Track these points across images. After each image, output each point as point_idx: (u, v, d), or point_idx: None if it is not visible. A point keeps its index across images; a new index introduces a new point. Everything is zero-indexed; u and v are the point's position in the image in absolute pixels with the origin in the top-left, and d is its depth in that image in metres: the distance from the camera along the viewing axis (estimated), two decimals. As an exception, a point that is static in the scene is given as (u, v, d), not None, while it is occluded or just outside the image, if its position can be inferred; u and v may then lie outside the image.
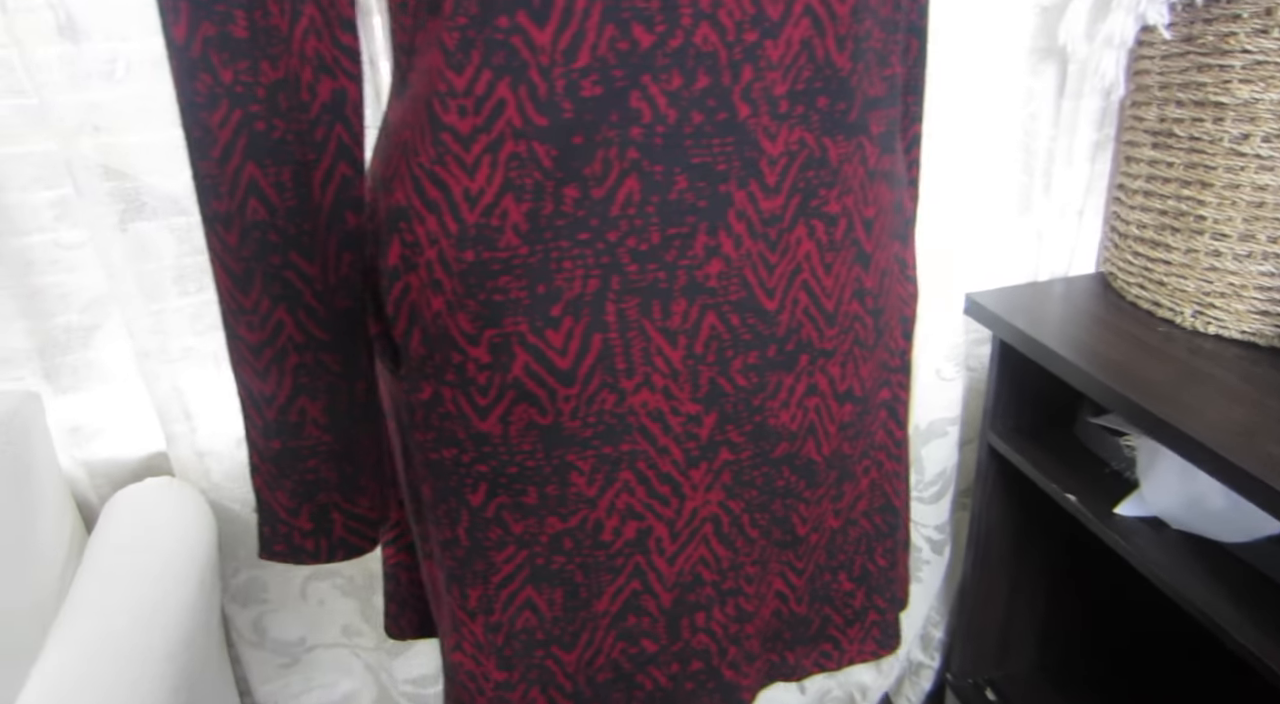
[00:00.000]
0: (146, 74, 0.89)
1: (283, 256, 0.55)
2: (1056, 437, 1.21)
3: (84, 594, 0.92)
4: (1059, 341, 1.08)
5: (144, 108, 0.90)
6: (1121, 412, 0.98)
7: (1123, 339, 1.07)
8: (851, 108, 0.58)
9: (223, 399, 1.03)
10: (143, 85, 0.89)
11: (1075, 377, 1.03)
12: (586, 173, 0.52)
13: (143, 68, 0.88)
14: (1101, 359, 1.04)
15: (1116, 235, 1.16)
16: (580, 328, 0.56)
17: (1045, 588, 1.40)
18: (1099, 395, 1.01)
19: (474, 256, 0.54)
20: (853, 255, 0.63)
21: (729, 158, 0.55)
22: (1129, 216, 1.11)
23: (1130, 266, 1.13)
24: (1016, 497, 1.29)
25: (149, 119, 0.90)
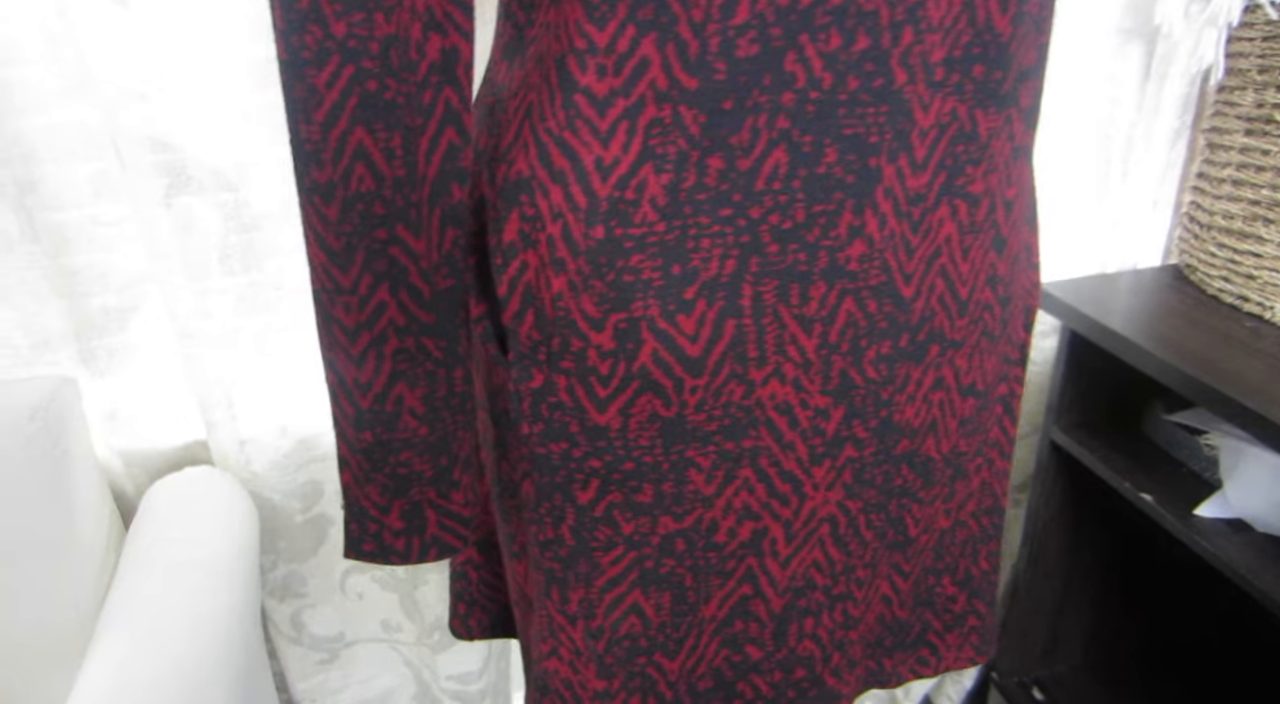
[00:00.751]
0: (196, 40, 0.83)
1: (389, 231, 0.50)
2: (1125, 434, 1.17)
3: (127, 595, 0.87)
4: (1139, 334, 1.04)
5: (193, 76, 0.84)
6: (1211, 406, 0.94)
7: (1206, 333, 1.03)
8: (1006, 77, 0.53)
9: (266, 385, 0.98)
10: (192, 52, 0.84)
11: (1158, 369, 0.99)
12: (733, 142, 0.48)
13: (193, 34, 0.82)
14: (1187, 352, 1.00)
15: (1197, 226, 1.12)
16: (714, 313, 0.51)
17: (1096, 587, 1.37)
18: (1185, 389, 0.97)
19: (604, 233, 0.49)
20: (990, 239, 0.59)
21: (881, 129, 0.50)
22: (1213, 206, 1.07)
23: (1213, 259, 1.08)
24: (1074, 494, 1.25)
25: (198, 88, 0.85)
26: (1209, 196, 1.08)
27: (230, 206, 0.90)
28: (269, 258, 0.93)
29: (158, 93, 0.84)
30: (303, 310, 0.96)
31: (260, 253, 0.93)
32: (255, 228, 0.91)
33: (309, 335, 0.98)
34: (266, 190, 0.90)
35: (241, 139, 0.88)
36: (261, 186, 0.90)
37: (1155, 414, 1.14)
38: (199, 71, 0.85)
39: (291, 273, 0.94)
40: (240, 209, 0.91)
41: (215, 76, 0.85)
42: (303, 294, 0.95)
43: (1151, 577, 1.39)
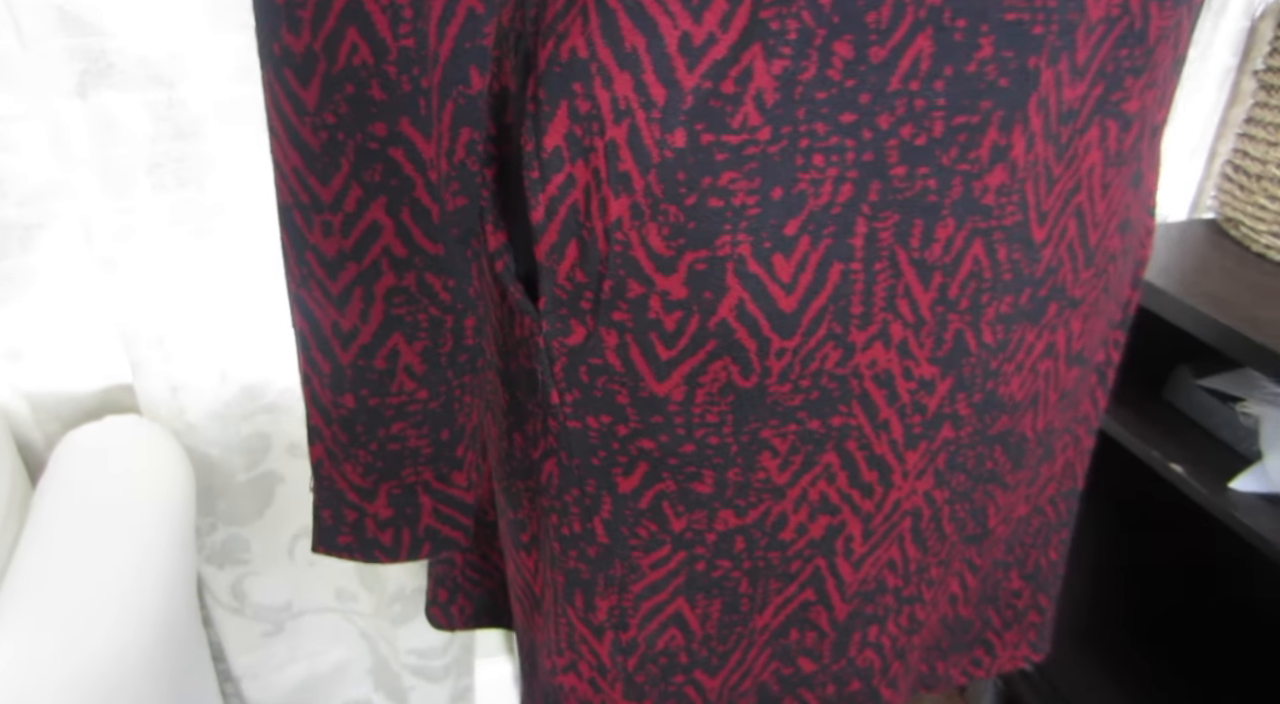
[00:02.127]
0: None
1: (389, 126, 0.36)
2: (1148, 400, 1.09)
3: (32, 569, 0.73)
4: (1180, 288, 0.96)
5: (114, -65, 0.68)
6: (1261, 366, 0.86)
7: (1255, 290, 0.95)
8: None
9: (204, 322, 0.84)
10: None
11: (1202, 326, 0.91)
12: (869, 20, 0.35)
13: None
14: (1231, 308, 0.91)
15: (1244, 176, 1.02)
16: (818, 254, 0.39)
17: (1092, 559, 1.31)
18: (1232, 347, 0.89)
19: (687, 140, 0.36)
20: (1131, 175, 0.47)
21: (1049, 17, 0.38)
22: (1266, 156, 0.98)
23: (1263, 213, 1.00)
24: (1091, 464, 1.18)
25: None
26: (1261, 144, 0.99)
27: (163, 106, 0.74)
28: (210, 170, 0.78)
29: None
30: (251, 233, 0.81)
31: (199, 163, 0.77)
32: (194, 133, 0.76)
33: (259, 264, 0.83)
34: (209, 86, 0.74)
35: (179, 21, 0.72)
36: (202, 81, 0.74)
37: (1184, 379, 1.06)
38: (122, -67, 0.68)
39: (238, 189, 0.79)
40: (175, 108, 0.75)
41: (143, -59, 0.69)
42: (252, 214, 0.80)
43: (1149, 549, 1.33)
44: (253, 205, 0.80)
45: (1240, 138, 1.03)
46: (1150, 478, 1.20)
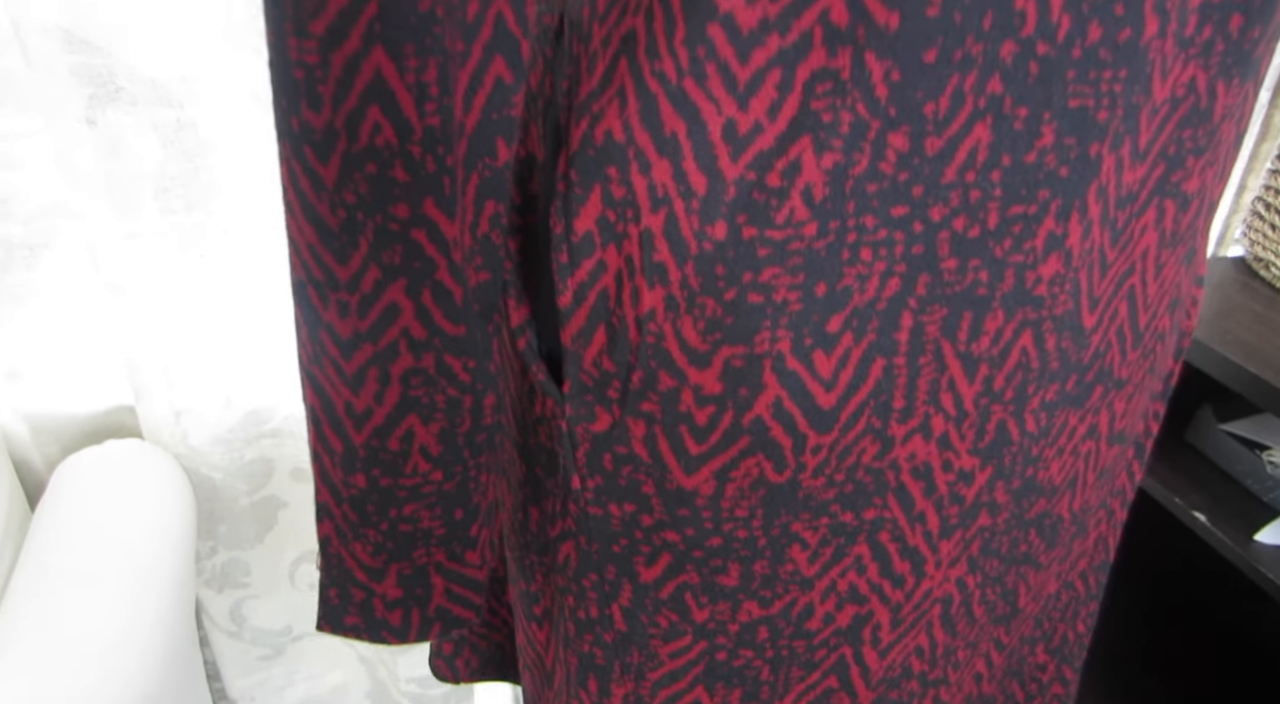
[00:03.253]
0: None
1: (412, 207, 0.34)
2: (1169, 441, 1.06)
3: (29, 599, 0.71)
4: (1207, 332, 0.93)
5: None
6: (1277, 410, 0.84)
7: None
8: (1263, 35, 0.39)
9: (210, 346, 0.82)
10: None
11: (1230, 374, 0.88)
12: (927, 111, 0.33)
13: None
14: (1263, 357, 0.89)
15: (1275, 215, 1.00)
16: (860, 350, 0.37)
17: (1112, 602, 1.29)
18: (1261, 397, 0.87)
19: (728, 233, 0.34)
20: (1185, 252, 0.45)
21: (1114, 102, 0.36)
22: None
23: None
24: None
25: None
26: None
27: (171, 127, 0.72)
28: (218, 194, 0.76)
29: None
30: (258, 259, 0.79)
31: (207, 187, 0.75)
32: (202, 156, 0.74)
33: (265, 289, 0.81)
34: (219, 109, 0.72)
35: (189, 43, 0.69)
36: (213, 105, 0.72)
37: (1208, 422, 1.04)
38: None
39: (245, 213, 0.77)
40: (184, 131, 0.73)
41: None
42: (259, 240, 0.78)
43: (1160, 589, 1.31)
44: (260, 231, 0.78)
45: (1271, 175, 1.00)
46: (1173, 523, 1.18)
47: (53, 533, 0.77)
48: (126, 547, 0.77)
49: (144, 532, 0.78)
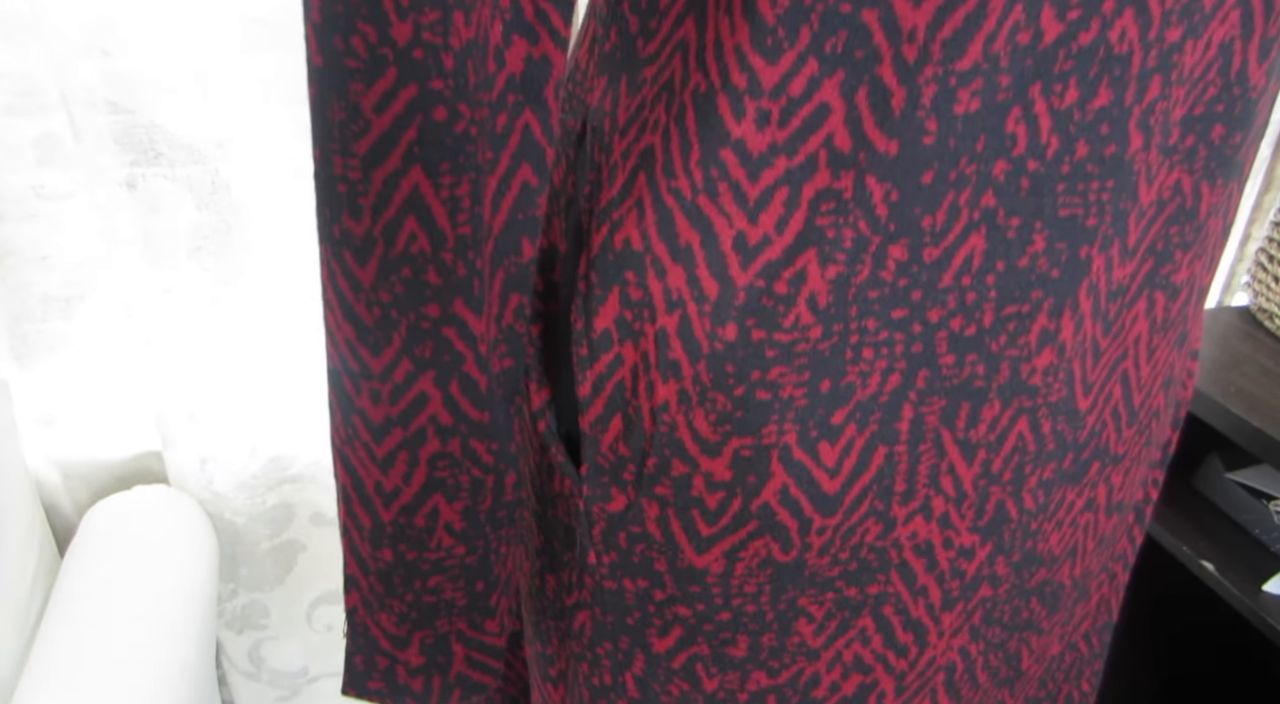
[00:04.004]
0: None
1: (443, 307, 0.36)
2: (1177, 488, 1.08)
3: (59, 642, 0.73)
4: (1212, 384, 0.95)
5: (168, 29, 0.69)
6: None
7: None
8: (1244, 141, 0.41)
9: (236, 396, 0.84)
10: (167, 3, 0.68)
11: (1235, 428, 0.90)
12: (924, 224, 0.35)
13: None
14: (1268, 411, 0.90)
15: (1278, 268, 1.02)
16: (863, 440, 0.39)
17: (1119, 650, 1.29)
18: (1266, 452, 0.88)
19: (738, 334, 0.36)
20: (1176, 336, 0.47)
21: (1102, 210, 0.38)
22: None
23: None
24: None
25: (173, 44, 0.70)
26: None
27: (206, 189, 0.75)
28: (249, 252, 0.79)
29: (122, 47, 0.68)
30: (286, 314, 0.82)
31: (239, 245, 0.78)
32: (235, 215, 0.77)
33: (293, 342, 0.83)
34: (253, 173, 0.75)
35: (225, 109, 0.73)
36: (247, 168, 0.75)
37: (1215, 470, 1.05)
38: (174, 23, 0.69)
39: (275, 271, 0.80)
40: (218, 192, 0.76)
41: (195, 31, 0.70)
42: (288, 296, 0.81)
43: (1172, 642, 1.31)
44: (287, 287, 0.81)
45: (1274, 227, 1.02)
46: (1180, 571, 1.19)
47: (82, 579, 0.79)
48: (152, 593, 0.79)
49: (169, 578, 0.81)
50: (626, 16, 0.39)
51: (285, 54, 0.72)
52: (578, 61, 0.44)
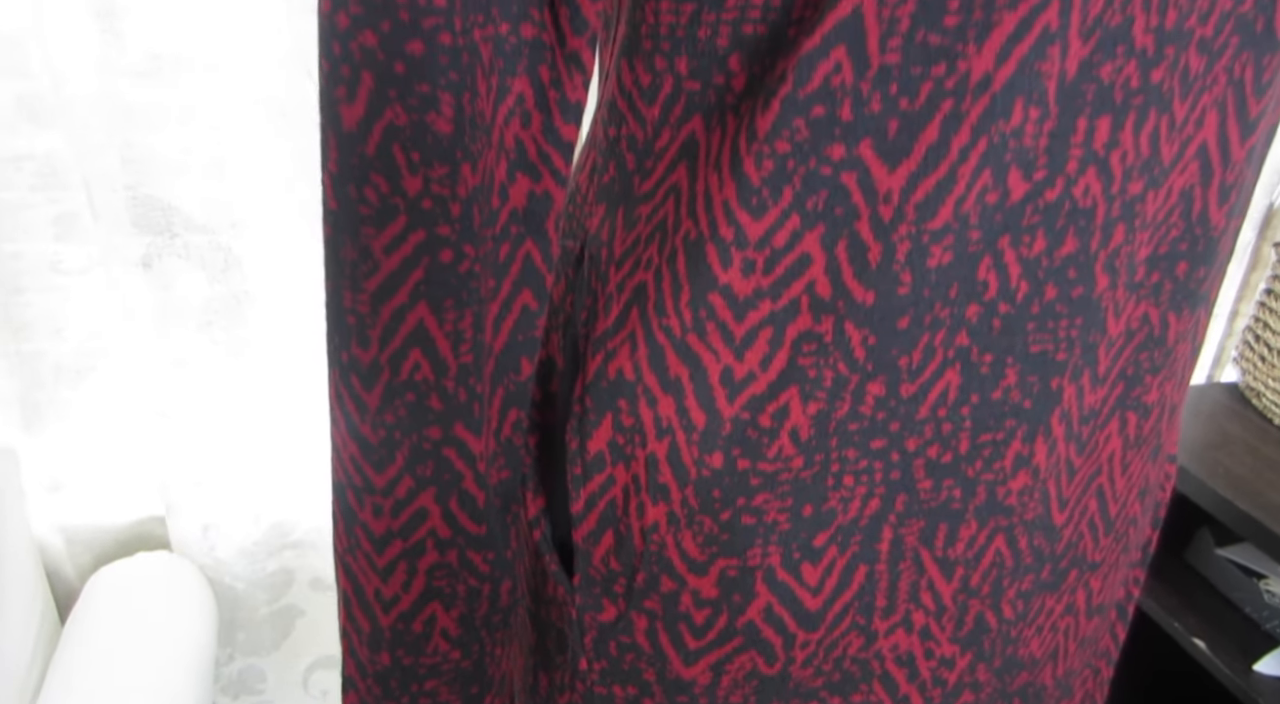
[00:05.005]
0: (195, 80, 0.70)
1: (444, 430, 0.38)
2: (1168, 562, 1.08)
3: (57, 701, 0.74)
4: (1200, 464, 0.96)
5: (188, 116, 0.72)
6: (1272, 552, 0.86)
7: (1272, 469, 0.95)
8: (1208, 275, 0.43)
9: (241, 466, 0.86)
10: (187, 92, 0.71)
11: (1223, 510, 0.91)
12: (901, 363, 0.37)
13: (192, 73, 0.70)
14: (1256, 494, 0.92)
15: (1264, 348, 1.04)
16: (844, 560, 0.40)
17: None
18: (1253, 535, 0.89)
19: (724, 462, 0.38)
20: (1150, 450, 0.49)
21: (1071, 345, 0.40)
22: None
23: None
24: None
25: (192, 130, 0.72)
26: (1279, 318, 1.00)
27: (219, 265, 0.78)
28: (259, 330, 0.81)
29: (145, 137, 0.71)
30: (292, 387, 0.84)
31: (250, 323, 0.80)
32: (247, 294, 0.79)
33: (298, 412, 0.85)
34: (264, 250, 0.78)
35: (240, 191, 0.75)
36: (258, 245, 0.78)
37: (1206, 546, 1.06)
38: (194, 110, 0.72)
39: (284, 348, 0.82)
40: (231, 270, 0.78)
41: (214, 117, 0.73)
42: (295, 371, 0.83)
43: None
44: (292, 362, 0.83)
45: (1260, 307, 1.04)
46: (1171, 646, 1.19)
47: (83, 649, 0.80)
48: (153, 664, 0.80)
49: (170, 648, 0.82)
50: (624, 154, 0.41)
51: (301, 139, 0.75)
52: (578, 185, 0.46)
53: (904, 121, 0.33)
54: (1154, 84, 0.36)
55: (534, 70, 0.36)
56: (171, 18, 0.69)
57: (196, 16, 0.69)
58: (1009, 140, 0.34)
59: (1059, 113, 0.34)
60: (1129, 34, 0.34)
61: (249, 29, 0.71)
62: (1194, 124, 0.38)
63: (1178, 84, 0.36)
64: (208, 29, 0.70)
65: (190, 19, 0.69)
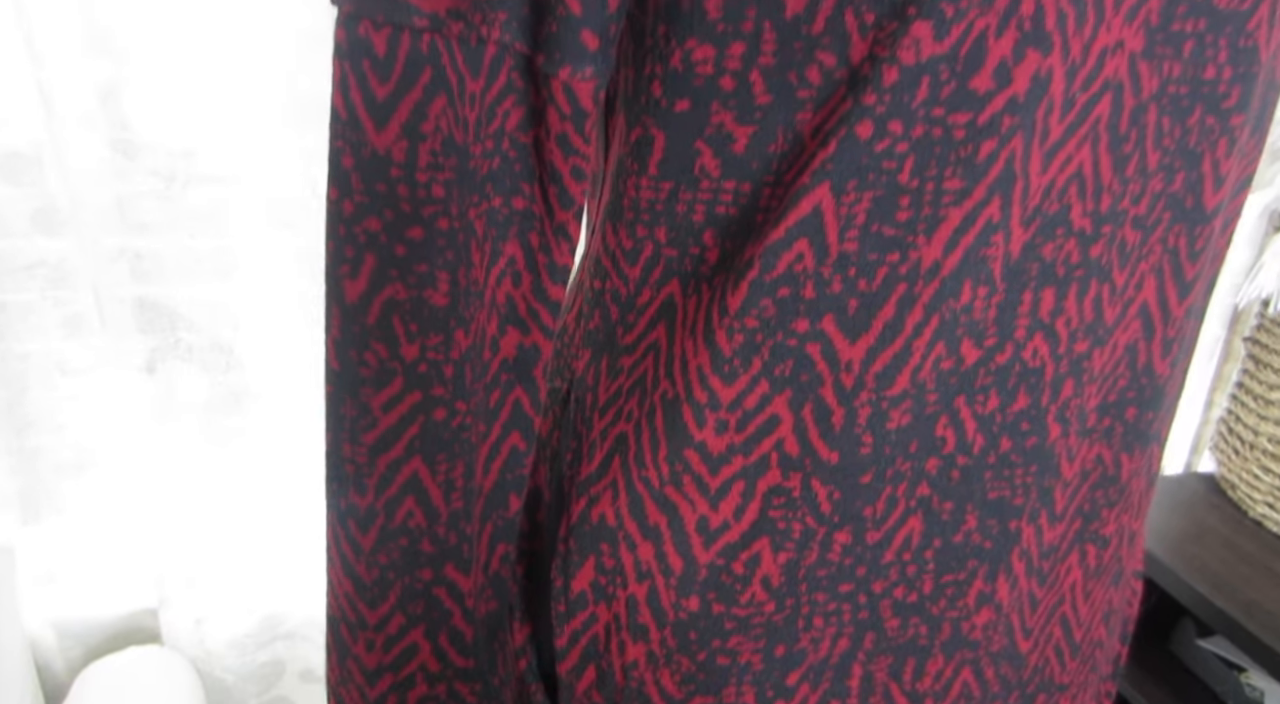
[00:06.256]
0: (204, 192, 0.74)
1: (435, 571, 0.40)
2: (1152, 652, 1.10)
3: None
4: (1174, 556, 0.98)
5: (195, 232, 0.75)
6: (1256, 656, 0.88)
7: (1252, 566, 0.97)
8: (1157, 417, 0.46)
9: (233, 562, 0.87)
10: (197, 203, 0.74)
11: (1200, 606, 0.93)
12: (866, 514, 0.39)
13: (202, 189, 0.73)
14: (1231, 591, 0.93)
15: (1238, 441, 1.06)
16: (816, 697, 0.42)
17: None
18: (1229, 633, 0.91)
19: (700, 606, 0.40)
20: (1112, 576, 0.51)
21: (1027, 490, 0.42)
22: (1258, 427, 1.02)
23: (1258, 482, 1.03)
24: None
25: (199, 244, 0.75)
26: (1253, 415, 1.03)
27: (221, 368, 0.80)
28: (256, 423, 0.83)
29: (154, 245, 0.74)
30: (285, 485, 0.86)
31: (250, 427, 0.82)
32: (247, 397, 0.81)
33: (290, 507, 0.87)
34: (265, 354, 0.80)
35: (246, 297, 0.78)
36: (260, 349, 0.80)
37: (1188, 637, 1.07)
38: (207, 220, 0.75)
39: (278, 444, 0.84)
40: (231, 372, 0.81)
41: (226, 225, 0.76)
42: (289, 471, 0.85)
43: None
44: (287, 459, 0.85)
45: (1233, 400, 1.07)
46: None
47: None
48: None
49: (157, 740, 0.82)
50: (609, 305, 0.44)
51: (300, 240, 0.78)
52: (566, 325, 0.49)
53: (862, 301, 0.36)
54: (1093, 258, 0.39)
55: (524, 236, 0.39)
56: (183, 131, 0.72)
57: (207, 130, 0.73)
58: (960, 315, 0.37)
59: (1006, 288, 0.37)
60: (1067, 218, 0.37)
61: (257, 140, 0.74)
62: (1134, 288, 0.41)
63: (1116, 256, 0.40)
64: (218, 141, 0.73)
65: (201, 132, 0.73)
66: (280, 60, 0.69)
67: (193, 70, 0.69)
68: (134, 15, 0.65)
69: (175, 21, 0.66)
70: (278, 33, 0.68)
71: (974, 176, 0.34)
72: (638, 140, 0.39)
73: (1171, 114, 0.38)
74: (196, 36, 0.67)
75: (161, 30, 0.66)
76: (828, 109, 0.34)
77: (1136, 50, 0.35)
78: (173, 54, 0.67)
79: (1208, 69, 0.37)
